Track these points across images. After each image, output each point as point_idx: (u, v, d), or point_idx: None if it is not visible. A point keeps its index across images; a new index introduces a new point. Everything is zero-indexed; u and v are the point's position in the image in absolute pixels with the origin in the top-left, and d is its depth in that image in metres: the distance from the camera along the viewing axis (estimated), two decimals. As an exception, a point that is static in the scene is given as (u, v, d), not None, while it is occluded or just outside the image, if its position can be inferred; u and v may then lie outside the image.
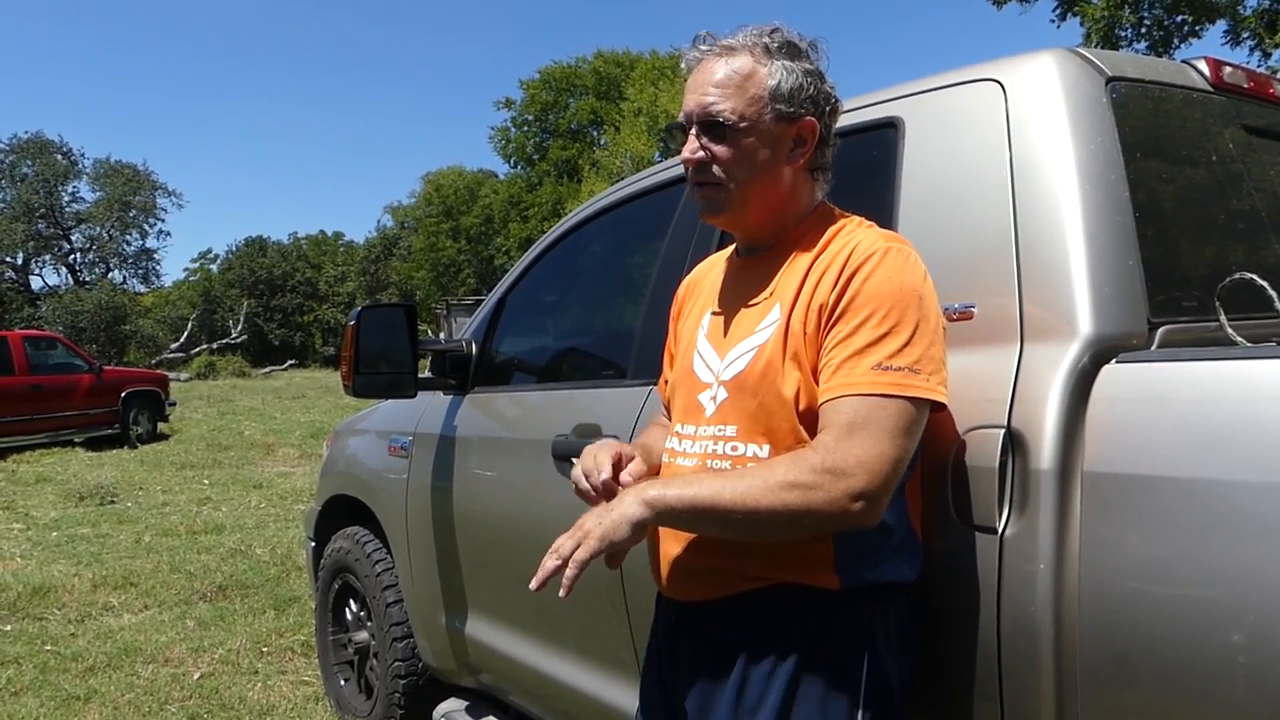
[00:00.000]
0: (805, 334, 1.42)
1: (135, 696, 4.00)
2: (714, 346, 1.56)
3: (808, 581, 1.42)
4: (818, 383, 1.41)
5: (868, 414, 1.33)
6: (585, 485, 1.54)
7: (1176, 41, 16.82)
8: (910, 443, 1.35)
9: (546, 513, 2.48)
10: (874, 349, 1.35)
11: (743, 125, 1.47)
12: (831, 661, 1.41)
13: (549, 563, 1.37)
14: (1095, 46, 15.31)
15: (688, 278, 1.82)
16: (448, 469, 2.95)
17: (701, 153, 1.50)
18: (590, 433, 2.32)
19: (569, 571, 1.35)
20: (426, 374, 3.07)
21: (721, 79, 1.48)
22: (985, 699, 1.45)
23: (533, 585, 1.37)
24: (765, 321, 1.48)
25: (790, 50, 1.50)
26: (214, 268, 56.84)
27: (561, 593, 1.35)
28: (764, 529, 1.35)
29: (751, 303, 1.53)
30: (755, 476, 1.34)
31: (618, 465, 1.56)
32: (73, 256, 43.18)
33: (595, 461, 1.56)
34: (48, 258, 42.51)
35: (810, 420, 1.41)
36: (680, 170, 2.42)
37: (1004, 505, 1.43)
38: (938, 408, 1.39)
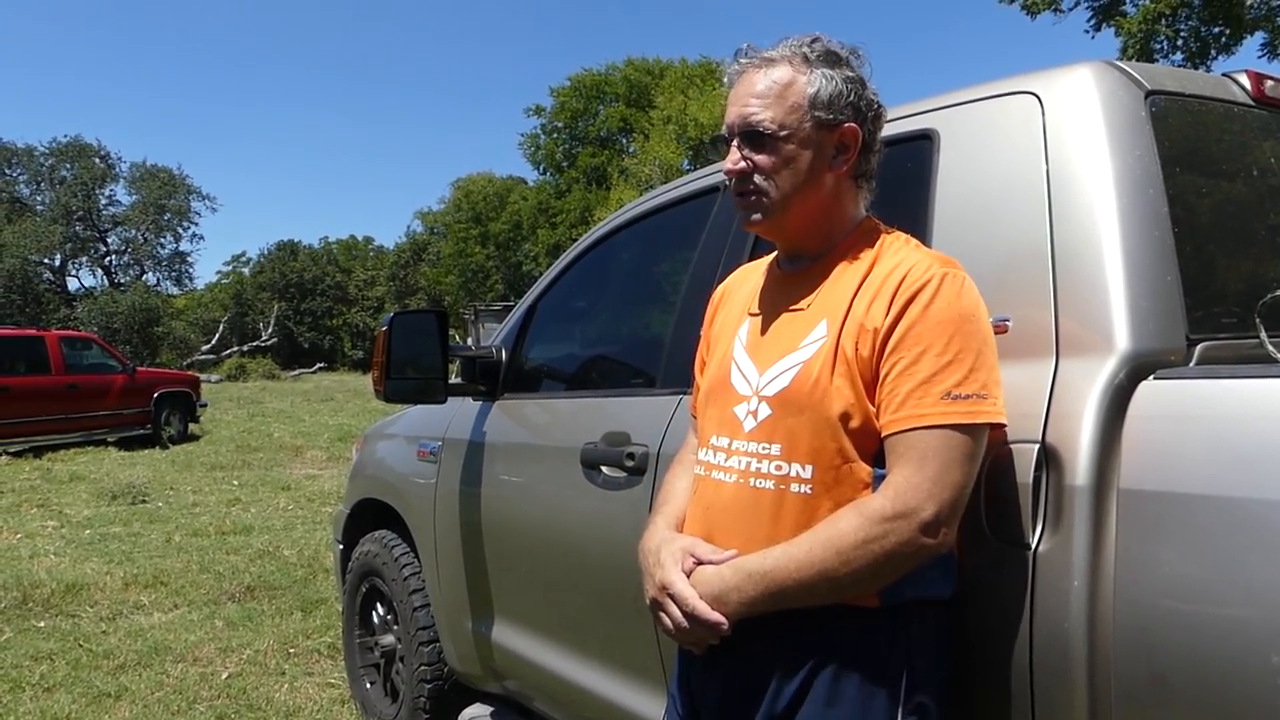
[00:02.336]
0: (858, 355, 1.41)
1: (165, 695, 4.04)
2: (753, 359, 1.55)
3: (846, 599, 1.40)
4: (872, 402, 1.40)
5: (939, 445, 1.34)
6: (679, 618, 1.47)
7: (1213, 53, 16.62)
8: (976, 466, 1.37)
9: (574, 520, 2.49)
10: (940, 378, 1.35)
11: (783, 134, 1.48)
12: (869, 678, 1.40)
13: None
14: (1131, 59, 15.15)
15: (723, 284, 1.81)
16: (476, 475, 2.96)
17: (743, 163, 1.51)
18: (620, 441, 2.33)
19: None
20: (456, 379, 3.08)
21: (761, 89, 1.50)
22: (1018, 717, 1.43)
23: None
24: (810, 337, 1.48)
25: (830, 59, 1.50)
26: (246, 271, 57.42)
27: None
28: (850, 590, 1.37)
29: (795, 317, 1.52)
30: (828, 547, 1.35)
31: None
32: (108, 258, 43.83)
33: (674, 591, 1.49)
34: (84, 259, 43.16)
35: (859, 439, 1.41)
36: (711, 180, 2.44)
37: (1037, 521, 1.42)
38: (995, 426, 1.40)
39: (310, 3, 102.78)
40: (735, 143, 1.53)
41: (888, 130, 1.76)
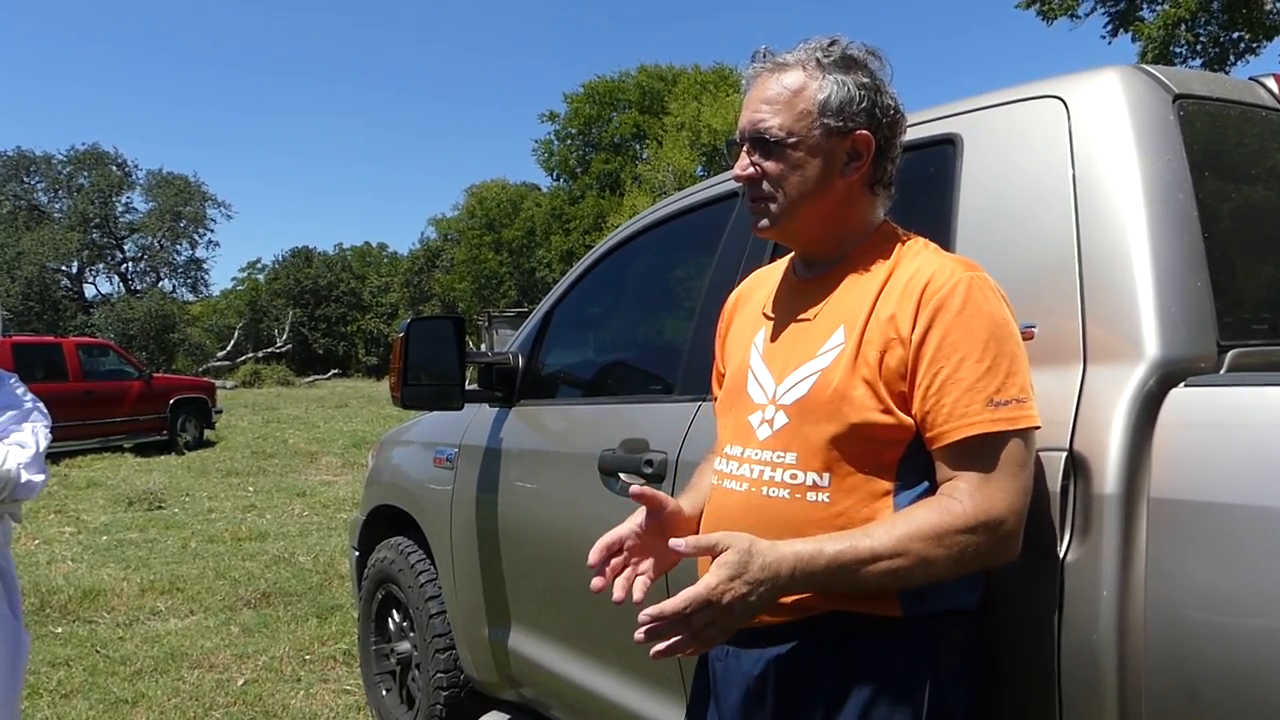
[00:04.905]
0: (882, 363, 1.39)
1: (181, 701, 4.05)
2: (769, 367, 1.53)
3: (870, 610, 1.38)
4: (901, 410, 1.38)
5: (996, 453, 1.32)
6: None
7: (1233, 58, 16.52)
8: (1033, 471, 1.36)
9: (592, 527, 2.45)
10: (983, 384, 1.33)
11: (791, 140, 1.46)
12: (893, 690, 1.38)
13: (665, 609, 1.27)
14: (1150, 63, 15.05)
15: (735, 292, 1.79)
16: (493, 481, 2.95)
17: (752, 169, 1.49)
18: (638, 448, 2.31)
19: (673, 642, 1.28)
20: (473, 386, 3.08)
21: (771, 95, 1.48)
22: (1045, 729, 1.41)
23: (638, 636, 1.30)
24: (828, 344, 1.45)
25: (845, 63, 1.48)
26: (261, 277, 57.64)
27: (645, 639, 1.29)
28: (919, 579, 1.33)
29: (812, 324, 1.50)
30: (914, 537, 1.30)
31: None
32: (125, 265, 44.18)
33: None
34: (101, 266, 43.55)
35: (879, 448, 1.39)
36: (730, 185, 2.43)
37: (1066, 530, 1.40)
38: None
39: (324, 12, 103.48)
40: (745, 148, 1.51)
41: (910, 135, 1.75)
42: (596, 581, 1.51)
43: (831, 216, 1.50)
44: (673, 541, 1.35)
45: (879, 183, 1.52)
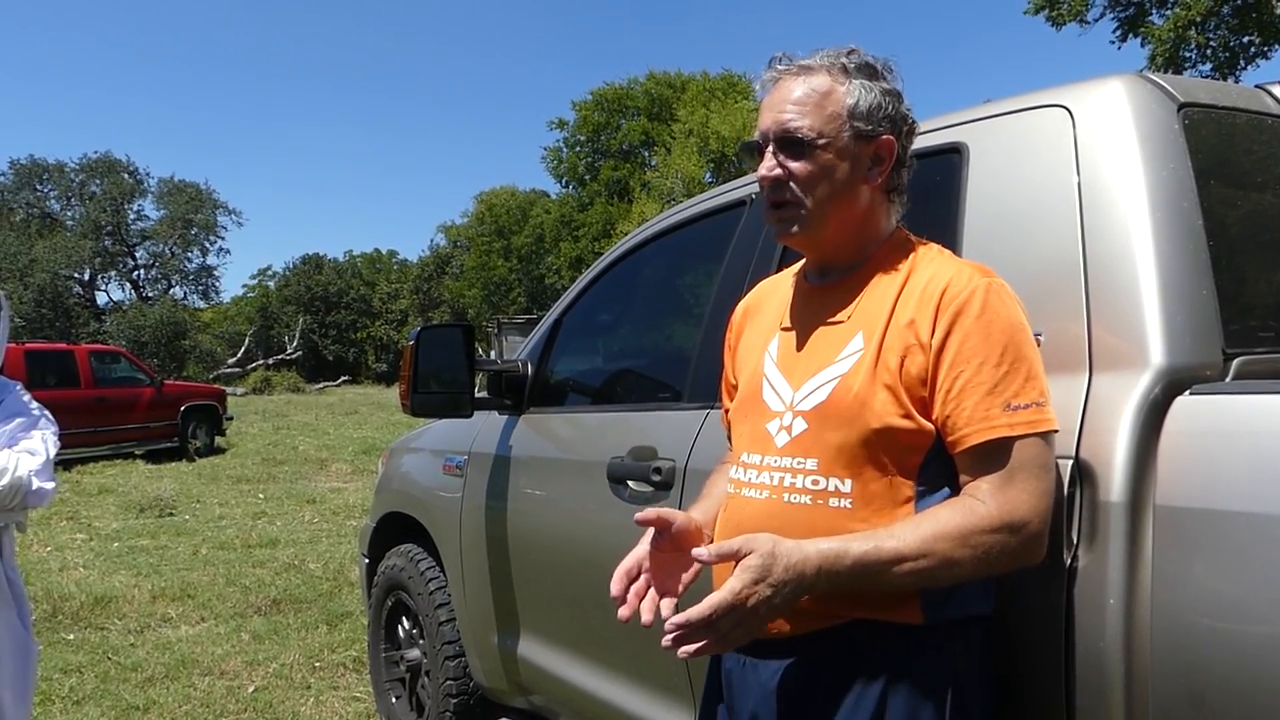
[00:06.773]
0: (903, 369, 1.39)
1: (192, 708, 4.07)
2: (785, 374, 1.53)
3: (892, 618, 1.38)
4: (921, 415, 1.39)
5: (1017, 456, 1.33)
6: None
7: (1243, 63, 16.48)
8: (1055, 473, 1.37)
9: (600, 534, 2.48)
10: (1001, 388, 1.34)
11: (821, 142, 1.46)
12: (914, 698, 1.37)
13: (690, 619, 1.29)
14: (1160, 68, 15.06)
15: (743, 303, 1.79)
16: (502, 488, 2.96)
17: (779, 170, 1.49)
18: (647, 455, 2.32)
19: (699, 645, 1.31)
20: (482, 393, 3.09)
21: (799, 97, 1.48)
22: (1053, 735, 1.41)
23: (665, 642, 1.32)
24: (847, 350, 1.46)
25: (867, 70, 1.49)
26: (271, 284, 57.85)
27: (679, 649, 1.31)
28: (944, 579, 1.34)
29: (829, 330, 1.50)
30: (940, 537, 1.31)
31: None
32: (136, 273, 44.37)
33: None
34: (113, 274, 43.74)
35: (900, 453, 1.39)
36: (738, 194, 2.44)
37: (1072, 537, 1.40)
38: None
39: (334, 19, 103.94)
40: (770, 149, 1.50)
41: (917, 143, 1.76)
42: (623, 611, 1.50)
43: (855, 222, 1.51)
44: (695, 551, 1.36)
45: (895, 190, 1.53)
